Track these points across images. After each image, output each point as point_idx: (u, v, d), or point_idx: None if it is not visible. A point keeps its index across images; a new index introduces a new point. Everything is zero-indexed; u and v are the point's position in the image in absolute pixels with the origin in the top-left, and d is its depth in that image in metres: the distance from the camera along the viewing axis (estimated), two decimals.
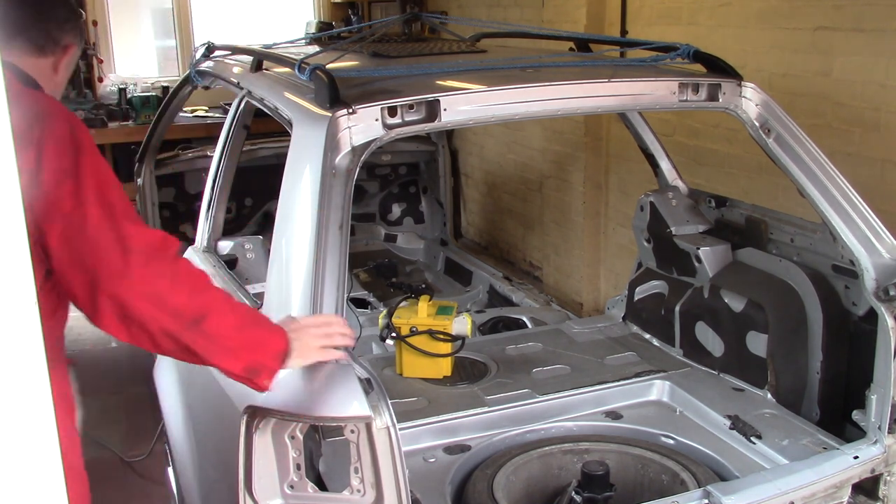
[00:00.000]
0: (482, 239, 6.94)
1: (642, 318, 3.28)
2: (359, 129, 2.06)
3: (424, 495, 2.21)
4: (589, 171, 5.26)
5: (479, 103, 2.21)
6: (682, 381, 2.83)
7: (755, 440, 2.48)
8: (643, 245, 3.31)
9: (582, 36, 3.68)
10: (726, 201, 3.16)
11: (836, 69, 3.59)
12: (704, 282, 2.96)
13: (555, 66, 2.64)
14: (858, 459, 2.29)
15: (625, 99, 2.45)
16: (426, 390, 2.80)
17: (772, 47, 3.90)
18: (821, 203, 2.44)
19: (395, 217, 5.49)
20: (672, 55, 2.59)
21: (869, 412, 2.34)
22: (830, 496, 2.26)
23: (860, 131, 3.50)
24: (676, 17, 4.53)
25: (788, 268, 2.74)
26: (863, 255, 2.38)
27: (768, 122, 2.51)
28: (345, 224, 1.97)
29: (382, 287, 4.66)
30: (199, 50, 3.60)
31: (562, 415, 2.70)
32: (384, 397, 1.80)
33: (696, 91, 2.47)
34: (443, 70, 2.50)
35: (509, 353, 3.10)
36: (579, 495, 2.32)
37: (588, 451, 2.52)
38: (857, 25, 3.46)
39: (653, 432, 2.61)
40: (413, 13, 3.74)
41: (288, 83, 2.49)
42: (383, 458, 1.77)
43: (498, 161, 6.57)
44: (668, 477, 2.41)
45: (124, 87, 7.22)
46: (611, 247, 5.33)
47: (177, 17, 7.98)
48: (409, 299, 3.05)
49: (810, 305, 2.66)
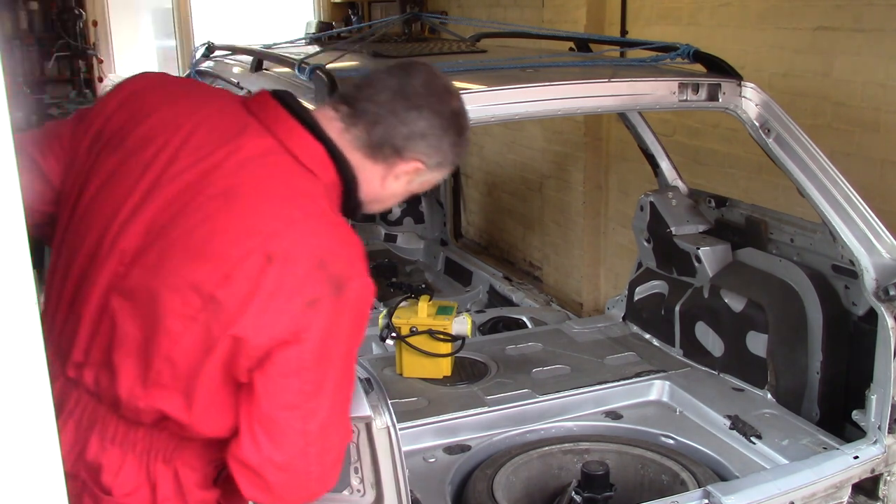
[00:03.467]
0: (482, 239, 6.94)
1: (642, 318, 3.28)
2: None
3: (424, 495, 2.21)
4: (589, 171, 5.26)
5: (479, 103, 2.20)
6: (682, 381, 2.83)
7: (755, 440, 2.48)
8: (643, 245, 3.31)
9: (582, 36, 3.68)
10: (726, 201, 3.16)
11: (836, 69, 3.59)
12: (704, 282, 2.96)
13: (555, 66, 2.64)
14: (858, 459, 2.29)
15: (625, 99, 2.45)
16: (426, 390, 2.80)
17: (772, 47, 3.90)
18: (820, 203, 2.44)
19: (394, 217, 5.49)
20: (672, 55, 2.59)
21: (869, 412, 2.34)
22: (830, 496, 2.26)
23: (860, 131, 3.50)
24: (676, 17, 4.53)
25: (788, 268, 2.74)
26: (862, 254, 2.38)
27: (768, 122, 2.51)
28: None
29: (382, 287, 4.65)
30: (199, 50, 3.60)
31: (562, 415, 2.70)
32: (384, 397, 1.81)
33: (696, 91, 2.47)
34: (443, 70, 2.49)
35: (509, 353, 3.10)
36: (579, 495, 2.32)
37: (588, 451, 2.52)
38: (857, 25, 3.46)
39: (653, 432, 2.61)
40: (413, 13, 3.75)
41: (288, 83, 2.49)
42: (383, 457, 1.77)
43: (498, 161, 6.56)
44: (668, 477, 2.41)
45: None
46: (611, 247, 5.32)
47: (177, 17, 7.99)
48: (409, 299, 3.05)
49: (810, 305, 2.66)
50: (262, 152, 1.46)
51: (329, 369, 1.41)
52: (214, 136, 1.47)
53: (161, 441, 1.48)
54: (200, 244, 1.39)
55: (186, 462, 1.50)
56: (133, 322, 1.42)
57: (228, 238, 1.38)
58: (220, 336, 1.36)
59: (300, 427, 1.40)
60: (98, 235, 1.46)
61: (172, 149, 1.46)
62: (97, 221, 1.47)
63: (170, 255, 1.40)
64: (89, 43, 7.39)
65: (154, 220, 1.43)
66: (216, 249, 1.38)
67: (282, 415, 1.39)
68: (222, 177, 1.43)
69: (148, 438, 1.47)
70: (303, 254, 1.37)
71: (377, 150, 1.54)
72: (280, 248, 1.36)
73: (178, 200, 1.43)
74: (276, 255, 1.35)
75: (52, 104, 6.95)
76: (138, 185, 1.45)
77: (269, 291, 1.35)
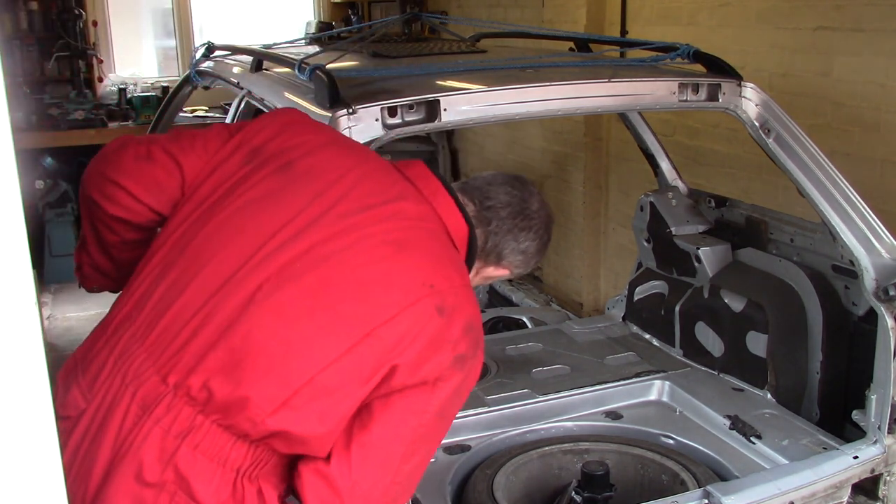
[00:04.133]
0: None
1: (642, 318, 3.28)
2: (359, 129, 2.06)
3: (424, 495, 2.21)
4: (589, 171, 5.26)
5: (479, 103, 2.20)
6: (681, 381, 2.83)
7: (755, 440, 2.48)
8: (643, 245, 3.31)
9: (582, 36, 3.68)
10: (726, 201, 3.16)
11: (836, 69, 3.59)
12: (704, 282, 2.96)
13: (555, 66, 2.64)
14: (858, 459, 2.29)
15: (625, 99, 2.45)
16: None
17: (772, 47, 3.90)
18: (820, 203, 2.44)
19: None
20: (672, 55, 2.59)
21: (869, 412, 2.34)
22: (830, 496, 2.26)
23: (860, 131, 3.50)
24: (676, 17, 4.53)
25: (788, 268, 2.74)
26: (862, 254, 2.38)
27: (768, 122, 2.51)
28: None
29: None
30: (199, 50, 3.60)
31: (562, 415, 2.70)
32: None
33: (696, 91, 2.47)
34: (443, 70, 2.50)
35: (509, 353, 3.10)
36: (579, 495, 2.32)
37: (588, 451, 2.52)
38: (857, 25, 3.46)
39: (653, 432, 2.61)
40: (413, 13, 3.74)
41: (288, 83, 2.49)
42: None
43: (498, 161, 6.57)
44: (667, 477, 2.41)
45: (124, 87, 7.22)
46: (611, 247, 5.33)
47: (177, 17, 7.99)
48: None
49: (810, 305, 2.66)
50: (422, 216, 1.58)
51: (440, 423, 1.53)
52: (378, 190, 1.58)
53: (252, 457, 1.47)
54: (367, 283, 1.46)
55: (268, 479, 1.51)
56: (275, 340, 1.42)
57: (401, 285, 1.47)
58: (379, 367, 1.43)
59: (395, 466, 1.46)
60: (252, 245, 1.49)
61: (343, 188, 1.55)
62: (250, 232, 1.50)
63: (329, 283, 1.46)
64: (89, 43, 7.39)
65: (319, 245, 1.48)
66: (384, 293, 1.46)
67: (387, 447, 1.45)
68: (390, 230, 1.53)
69: (244, 454, 1.46)
70: (463, 315, 1.50)
71: (486, 250, 1.74)
72: (448, 305, 1.48)
73: (345, 236, 1.50)
74: (446, 310, 1.47)
75: (52, 104, 6.94)
76: (307, 210, 1.52)
77: (431, 338, 1.46)
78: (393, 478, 1.48)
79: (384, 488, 1.47)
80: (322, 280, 1.46)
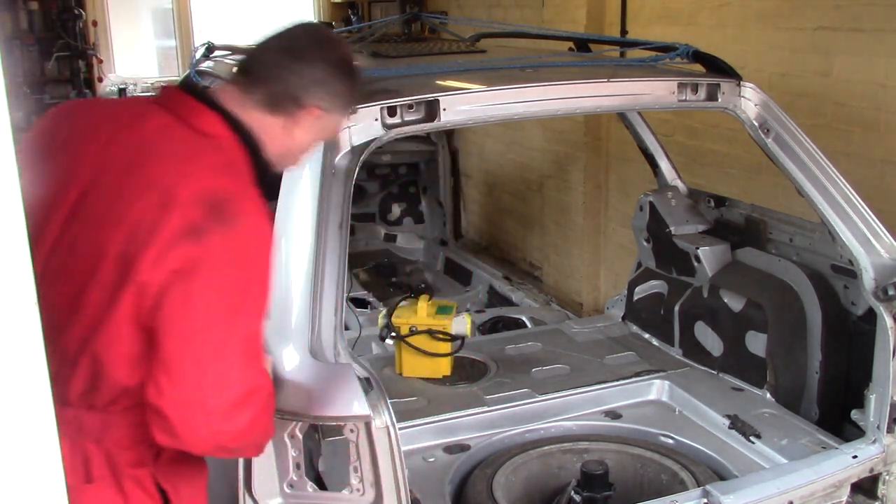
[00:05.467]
0: (482, 239, 6.94)
1: (642, 318, 3.29)
2: (358, 129, 2.06)
3: (424, 495, 2.22)
4: (589, 171, 5.26)
5: (479, 103, 2.21)
6: (681, 381, 2.83)
7: (754, 440, 2.48)
8: (643, 245, 3.31)
9: (582, 36, 3.68)
10: (726, 201, 3.16)
11: (836, 69, 3.59)
12: (704, 282, 2.96)
13: (554, 66, 2.65)
14: (857, 459, 2.29)
15: (624, 99, 2.45)
16: (426, 390, 2.80)
17: (772, 47, 3.90)
18: (820, 203, 2.45)
19: (394, 217, 5.49)
20: (671, 55, 2.59)
21: (868, 412, 2.35)
22: (829, 495, 2.26)
23: (860, 131, 3.50)
24: (676, 17, 4.53)
25: (787, 267, 2.74)
26: (861, 254, 2.38)
27: (767, 121, 2.51)
28: (344, 223, 1.98)
29: (382, 287, 4.65)
30: (199, 50, 3.60)
31: (561, 414, 2.70)
32: (384, 397, 1.81)
33: (696, 91, 2.47)
34: (442, 70, 2.50)
35: (509, 353, 3.10)
36: (579, 495, 2.32)
37: (587, 451, 2.52)
38: (857, 25, 3.46)
39: (652, 432, 2.61)
40: (413, 13, 3.75)
41: None
42: (383, 457, 1.77)
43: (498, 161, 6.57)
44: (667, 476, 2.41)
45: (124, 87, 7.23)
46: (611, 247, 5.33)
47: (177, 17, 7.99)
48: (409, 299, 3.05)
49: (809, 305, 2.66)
50: (162, 126, 1.59)
51: (219, 302, 1.46)
52: (114, 121, 1.63)
53: (91, 421, 1.54)
54: (109, 211, 1.51)
55: (118, 442, 1.56)
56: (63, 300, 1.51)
57: (132, 198, 1.49)
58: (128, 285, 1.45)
59: (193, 358, 1.45)
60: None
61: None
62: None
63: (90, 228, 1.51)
64: (89, 43, 7.39)
65: (78, 205, 1.54)
66: (123, 212, 1.49)
67: (176, 347, 1.44)
68: (124, 149, 1.56)
69: (78, 420, 1.53)
70: (192, 198, 1.47)
71: (277, 104, 1.65)
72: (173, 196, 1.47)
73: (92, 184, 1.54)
74: (169, 202, 1.46)
75: (52, 104, 6.95)
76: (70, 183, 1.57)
77: (167, 235, 1.44)
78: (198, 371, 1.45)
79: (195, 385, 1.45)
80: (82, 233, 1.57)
